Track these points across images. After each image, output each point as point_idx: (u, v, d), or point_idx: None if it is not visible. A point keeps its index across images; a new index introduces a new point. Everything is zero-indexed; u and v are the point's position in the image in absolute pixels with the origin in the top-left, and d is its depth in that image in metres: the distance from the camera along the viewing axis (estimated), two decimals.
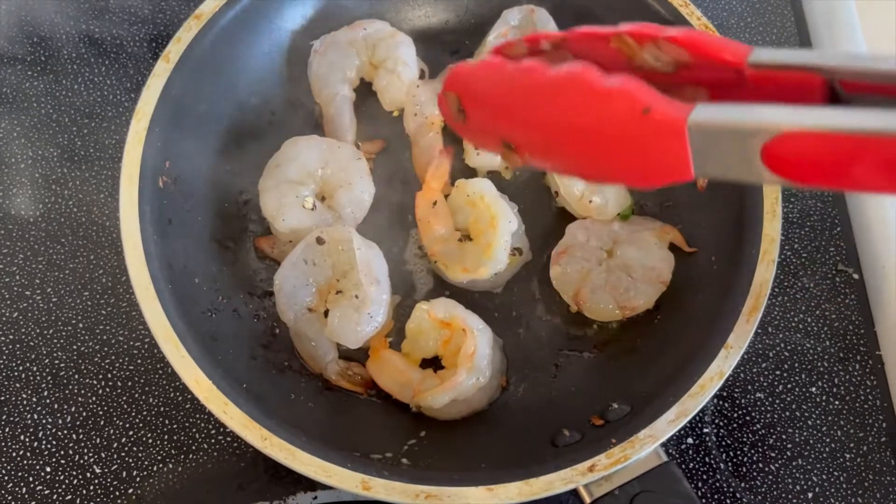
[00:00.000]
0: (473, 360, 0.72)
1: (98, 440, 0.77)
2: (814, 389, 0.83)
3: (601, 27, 0.54)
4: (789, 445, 0.80)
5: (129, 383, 0.80)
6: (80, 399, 0.79)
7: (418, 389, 0.74)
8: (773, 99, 0.46)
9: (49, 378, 0.79)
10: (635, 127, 0.46)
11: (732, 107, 0.43)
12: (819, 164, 0.40)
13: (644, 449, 0.63)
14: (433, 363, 0.78)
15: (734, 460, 0.79)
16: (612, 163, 0.53)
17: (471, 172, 0.87)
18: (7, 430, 0.77)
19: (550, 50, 0.57)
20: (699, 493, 0.77)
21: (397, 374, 0.76)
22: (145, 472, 0.76)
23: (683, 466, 0.78)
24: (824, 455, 0.80)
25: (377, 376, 0.76)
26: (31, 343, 0.81)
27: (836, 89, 0.45)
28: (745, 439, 0.80)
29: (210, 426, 0.78)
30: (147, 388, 0.79)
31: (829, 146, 0.39)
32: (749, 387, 0.83)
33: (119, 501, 0.75)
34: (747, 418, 0.81)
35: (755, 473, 0.79)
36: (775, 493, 0.78)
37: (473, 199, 0.79)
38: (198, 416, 0.78)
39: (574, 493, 0.64)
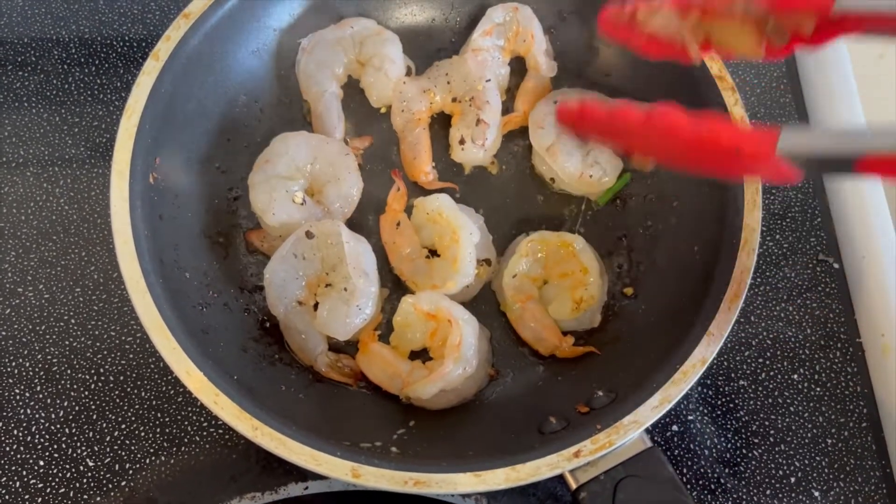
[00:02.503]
0: (460, 350, 0.73)
1: (91, 434, 0.78)
2: (796, 377, 0.84)
3: None
4: (772, 431, 0.81)
5: (122, 378, 0.80)
6: (72, 394, 0.79)
7: (407, 381, 0.75)
8: (865, 30, 0.53)
9: (42, 373, 0.80)
10: (731, 158, 0.56)
11: (818, 133, 0.52)
12: None
13: (628, 435, 0.65)
14: (422, 355, 0.79)
15: (718, 447, 0.81)
16: (720, 171, 0.66)
17: (458, 167, 0.89)
18: (0, 424, 0.78)
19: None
20: (684, 480, 0.79)
21: (386, 367, 0.77)
22: (138, 465, 0.77)
23: (669, 453, 0.80)
24: (806, 440, 0.81)
25: (367, 369, 0.77)
26: (24, 339, 0.82)
27: None
28: (728, 426, 0.82)
29: (202, 419, 0.79)
30: (139, 383, 0.80)
31: None
32: (732, 375, 0.84)
33: (112, 494, 0.75)
34: (731, 405, 0.83)
35: (739, 459, 0.80)
36: (759, 478, 0.79)
37: (433, 216, 0.80)
38: (189, 409, 0.79)
39: (560, 478, 0.65)
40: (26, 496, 0.75)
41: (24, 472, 0.76)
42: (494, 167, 0.89)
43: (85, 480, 0.76)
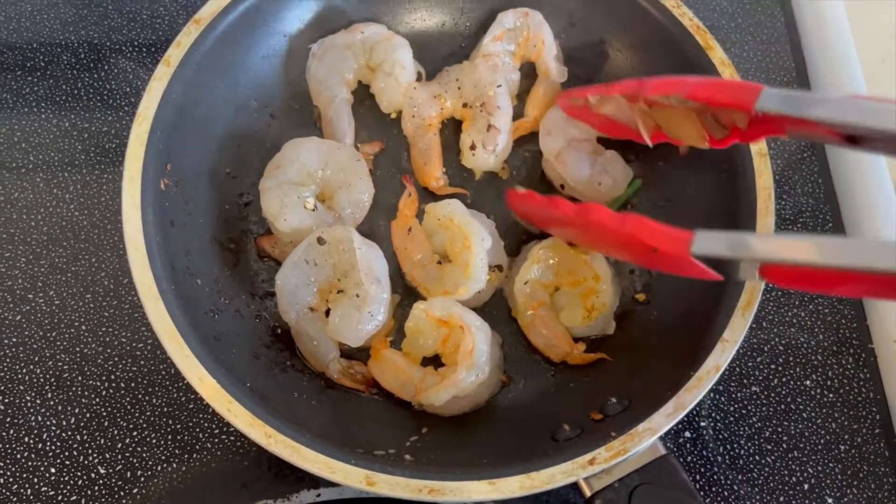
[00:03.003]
0: (472, 356, 0.73)
1: (102, 441, 0.78)
2: (808, 383, 0.84)
3: (631, 84, 0.71)
4: (785, 438, 0.81)
5: (133, 384, 0.80)
6: (83, 400, 0.79)
7: (420, 388, 0.75)
8: (787, 132, 0.57)
9: (53, 380, 0.80)
10: (650, 255, 0.60)
11: (726, 237, 0.55)
12: (807, 283, 0.49)
13: (643, 442, 0.64)
14: (434, 361, 0.78)
15: (731, 453, 0.80)
16: (645, 264, 0.76)
17: (468, 173, 0.89)
18: (11, 432, 0.78)
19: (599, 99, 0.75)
20: (697, 486, 0.79)
21: (398, 373, 0.77)
22: (150, 472, 0.77)
23: (681, 459, 0.80)
24: (819, 447, 0.81)
25: (379, 376, 0.77)
26: (35, 346, 0.81)
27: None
28: (741, 432, 0.81)
29: (213, 426, 0.79)
30: (150, 389, 0.80)
31: (816, 274, 0.48)
32: (745, 381, 0.84)
33: (124, 502, 0.75)
34: (743, 412, 0.82)
35: (752, 465, 0.80)
36: (772, 484, 0.79)
37: (444, 221, 0.80)
38: (201, 415, 0.79)
39: (574, 486, 0.65)
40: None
41: (36, 480, 0.76)
42: (505, 172, 0.89)
43: (96, 488, 0.76)
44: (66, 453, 0.77)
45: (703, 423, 0.82)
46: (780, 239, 0.52)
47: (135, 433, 0.78)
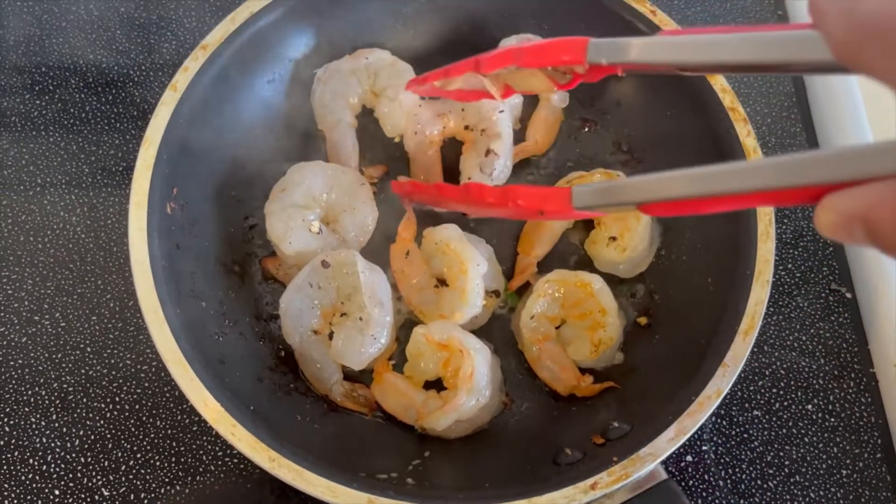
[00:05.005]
0: (472, 380, 0.73)
1: (106, 463, 0.78)
2: (810, 407, 0.84)
3: (469, 63, 0.75)
4: (787, 462, 0.81)
5: (137, 406, 0.81)
6: (88, 422, 0.80)
7: (422, 412, 0.75)
8: (623, 71, 0.62)
9: (57, 402, 0.81)
10: (537, 215, 0.65)
11: (601, 186, 0.60)
12: (683, 209, 0.53)
13: (645, 467, 0.65)
14: (437, 384, 0.79)
15: (733, 477, 0.81)
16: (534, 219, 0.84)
17: None
18: (16, 453, 0.78)
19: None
20: None
21: (401, 397, 0.77)
22: (153, 495, 0.77)
23: (683, 484, 0.80)
24: (821, 471, 0.81)
25: (382, 400, 0.77)
26: (40, 367, 0.82)
27: None
28: (743, 456, 0.82)
29: (217, 448, 0.79)
30: (154, 412, 0.81)
31: (690, 202, 0.51)
32: (746, 405, 0.84)
33: None
34: (745, 436, 0.83)
35: (754, 490, 0.80)
36: None
37: (441, 246, 0.81)
38: (205, 438, 0.79)
39: None
40: None
41: (40, 502, 0.76)
42: None
43: None
44: (71, 475, 0.77)
45: (704, 448, 0.82)
46: (652, 178, 0.54)
47: (139, 455, 0.79)
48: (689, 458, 0.81)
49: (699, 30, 0.55)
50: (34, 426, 0.79)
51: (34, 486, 0.77)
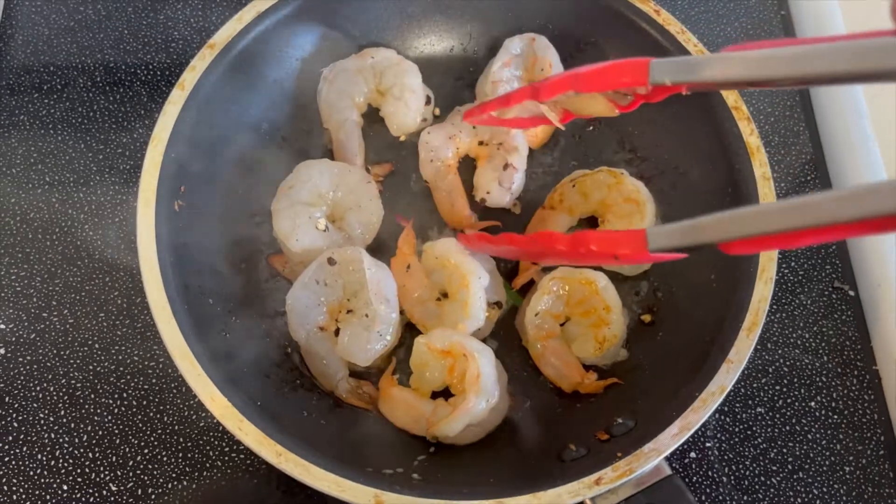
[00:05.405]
0: (479, 382, 0.73)
1: (114, 458, 0.79)
2: (813, 404, 0.84)
3: (526, 91, 0.73)
4: (790, 459, 0.82)
5: (144, 402, 0.81)
6: (96, 418, 0.80)
7: (432, 421, 0.75)
8: (685, 91, 0.61)
9: (66, 398, 0.81)
10: (612, 260, 0.64)
11: (679, 227, 0.57)
12: (767, 245, 0.52)
13: (649, 462, 0.65)
14: (444, 394, 0.78)
15: (736, 474, 0.81)
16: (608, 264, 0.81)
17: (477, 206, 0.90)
18: (25, 448, 0.79)
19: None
20: None
21: (410, 410, 0.77)
22: (160, 490, 0.78)
23: (687, 480, 0.80)
24: (824, 468, 0.81)
25: (390, 415, 0.77)
26: (49, 363, 0.83)
27: None
28: (746, 453, 0.82)
29: (223, 444, 0.80)
30: (162, 407, 0.81)
31: (773, 237, 0.50)
32: (750, 402, 0.84)
33: None
34: (748, 433, 0.83)
35: (757, 487, 0.80)
36: None
37: (441, 260, 0.81)
38: (211, 434, 0.80)
39: None
40: None
41: (48, 497, 0.77)
42: (517, 208, 0.90)
43: None
44: (79, 470, 0.78)
45: (708, 444, 0.82)
46: (730, 215, 0.52)
47: (146, 451, 0.79)
48: (692, 454, 0.82)
49: (765, 43, 0.53)
50: (42, 422, 0.80)
51: (42, 481, 0.77)
